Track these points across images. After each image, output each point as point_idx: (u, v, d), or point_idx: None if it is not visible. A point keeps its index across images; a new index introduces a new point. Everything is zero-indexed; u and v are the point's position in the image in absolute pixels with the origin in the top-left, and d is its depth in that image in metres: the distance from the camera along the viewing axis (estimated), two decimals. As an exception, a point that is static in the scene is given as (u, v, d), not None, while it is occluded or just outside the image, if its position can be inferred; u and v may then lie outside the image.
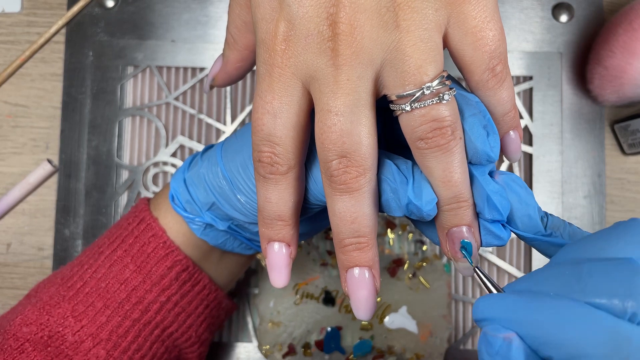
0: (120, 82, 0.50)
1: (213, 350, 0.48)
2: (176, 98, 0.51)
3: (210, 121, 0.50)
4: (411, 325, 0.47)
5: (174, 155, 0.50)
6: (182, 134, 0.50)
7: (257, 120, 0.26)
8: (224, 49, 0.34)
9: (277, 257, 0.29)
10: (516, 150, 0.29)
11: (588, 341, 0.20)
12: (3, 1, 0.51)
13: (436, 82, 0.24)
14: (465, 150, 0.26)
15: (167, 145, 0.50)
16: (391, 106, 0.25)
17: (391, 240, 0.48)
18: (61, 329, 0.34)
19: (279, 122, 0.26)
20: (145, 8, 0.51)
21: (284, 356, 0.47)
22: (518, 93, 0.50)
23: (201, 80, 0.51)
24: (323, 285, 0.48)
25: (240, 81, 0.50)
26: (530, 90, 0.50)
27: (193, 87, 0.51)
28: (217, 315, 0.40)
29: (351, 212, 0.26)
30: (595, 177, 0.49)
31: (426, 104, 0.24)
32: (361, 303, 0.28)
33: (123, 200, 0.50)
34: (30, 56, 0.51)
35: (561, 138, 0.49)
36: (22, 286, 0.50)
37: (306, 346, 0.47)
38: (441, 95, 0.24)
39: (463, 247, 0.27)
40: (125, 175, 0.50)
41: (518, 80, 0.50)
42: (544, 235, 0.27)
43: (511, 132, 0.29)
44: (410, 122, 0.25)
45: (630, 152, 0.49)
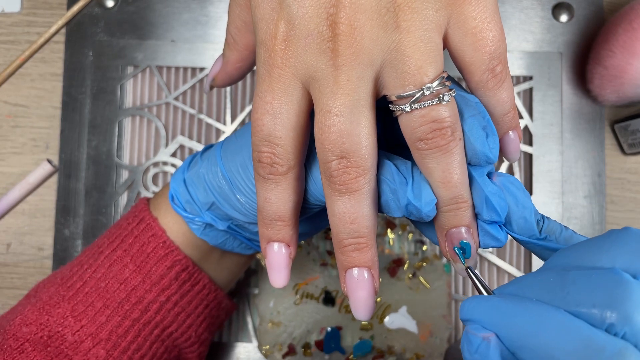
0: (120, 82, 0.50)
1: (213, 350, 0.48)
2: (176, 98, 0.51)
3: (210, 121, 0.50)
4: (411, 325, 0.47)
5: (174, 155, 0.50)
6: (182, 134, 0.50)
7: (257, 120, 0.26)
8: (224, 49, 0.34)
9: (277, 257, 0.29)
10: (515, 150, 0.29)
11: (560, 348, 0.21)
12: (3, 1, 0.51)
13: (436, 83, 0.24)
14: (464, 151, 0.26)
15: (167, 145, 0.50)
16: (391, 107, 0.25)
17: (391, 240, 0.48)
18: (61, 329, 0.34)
19: (279, 123, 0.26)
20: (145, 8, 0.51)
21: (284, 356, 0.47)
22: (518, 93, 0.50)
23: (201, 80, 0.51)
24: (323, 285, 0.48)
25: (240, 81, 0.50)
26: (530, 90, 0.50)
27: (193, 87, 0.51)
28: (217, 315, 0.40)
29: (350, 213, 0.26)
30: (595, 177, 0.49)
31: (426, 105, 0.24)
32: (360, 303, 0.28)
33: (123, 200, 0.50)
34: (30, 56, 0.51)
35: (561, 138, 0.49)
36: (22, 286, 0.50)
37: (306, 346, 0.47)
38: (441, 96, 0.24)
39: (460, 248, 0.27)
40: (125, 175, 0.50)
41: (518, 80, 0.50)
42: (538, 239, 0.27)
43: (510, 133, 0.29)
44: (410, 123, 0.25)
45: (630, 152, 0.49)
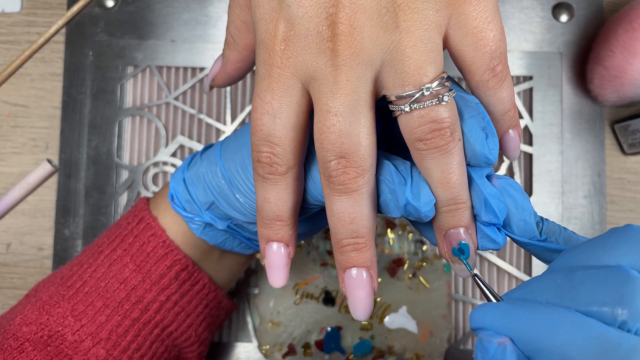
0: (120, 82, 0.50)
1: (213, 350, 0.48)
2: (176, 98, 0.51)
3: (210, 121, 0.50)
4: (411, 325, 0.47)
5: (174, 155, 0.50)
6: (182, 134, 0.50)
7: (257, 120, 0.26)
8: (224, 49, 0.34)
9: (276, 257, 0.29)
10: (515, 148, 0.29)
11: (577, 348, 0.21)
12: (3, 1, 0.51)
13: (436, 83, 0.24)
14: (464, 152, 0.26)
15: (167, 145, 0.50)
16: (390, 107, 0.25)
17: (391, 240, 0.48)
18: (61, 329, 0.34)
19: (278, 123, 0.26)
20: (145, 8, 0.51)
21: (284, 356, 0.47)
22: (518, 93, 0.50)
23: (201, 80, 0.51)
24: (323, 285, 0.48)
25: (240, 81, 0.50)
26: (530, 90, 0.50)
27: (193, 87, 0.51)
28: (217, 314, 0.40)
29: (349, 213, 0.26)
30: (595, 177, 0.49)
31: (425, 105, 0.24)
32: (358, 303, 0.28)
33: (123, 200, 0.50)
34: (30, 56, 0.51)
35: (561, 138, 0.49)
36: (22, 286, 0.50)
37: (306, 346, 0.47)
38: (441, 96, 0.24)
39: (460, 250, 0.27)
40: (125, 175, 0.50)
41: (518, 80, 0.50)
42: (539, 240, 0.27)
43: (510, 131, 0.29)
44: (409, 123, 0.25)
45: (630, 152, 0.49)
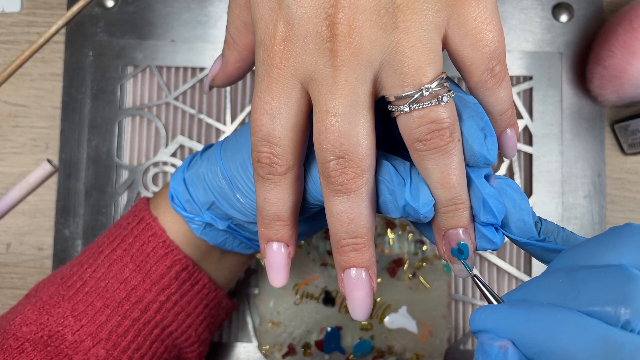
0: (120, 82, 0.50)
1: (213, 350, 0.48)
2: (176, 98, 0.51)
3: (210, 121, 0.50)
4: (411, 325, 0.47)
5: (174, 155, 0.50)
6: (182, 134, 0.50)
7: (256, 120, 0.26)
8: (224, 49, 0.34)
9: (276, 257, 0.29)
10: (512, 147, 0.29)
11: (580, 348, 0.20)
12: (3, 1, 0.51)
13: (435, 84, 0.24)
14: (463, 152, 0.26)
15: (167, 145, 0.50)
16: (389, 107, 0.25)
17: (391, 240, 0.48)
18: (61, 329, 0.34)
19: (278, 123, 0.26)
20: (145, 8, 0.51)
21: (284, 356, 0.47)
22: (518, 93, 0.50)
23: (201, 80, 0.51)
24: (323, 285, 0.48)
25: (240, 81, 0.50)
26: (530, 90, 0.50)
27: (193, 87, 0.51)
28: (217, 314, 0.40)
29: (348, 213, 0.26)
30: (595, 177, 0.49)
31: (425, 106, 0.24)
32: (357, 303, 0.28)
33: (123, 200, 0.50)
34: (30, 56, 0.51)
35: (561, 138, 0.49)
36: (22, 286, 0.50)
37: (306, 346, 0.47)
38: (440, 97, 0.24)
39: (459, 250, 0.27)
40: (125, 175, 0.50)
41: (518, 80, 0.50)
42: (538, 240, 0.27)
43: (508, 130, 0.29)
44: (408, 124, 0.25)
45: (630, 152, 0.49)
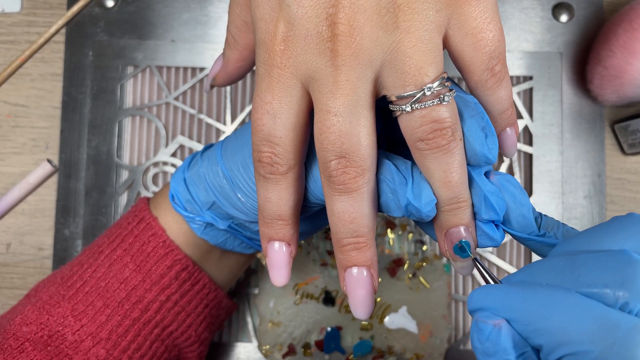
0: (120, 82, 0.50)
1: (213, 350, 0.48)
2: (176, 98, 0.51)
3: (210, 121, 0.50)
4: (411, 325, 0.47)
5: (174, 155, 0.50)
6: (182, 134, 0.50)
7: (257, 120, 0.26)
8: (224, 49, 0.34)
9: (278, 256, 0.29)
10: (512, 146, 0.29)
11: (576, 328, 0.21)
12: (3, 1, 0.51)
13: (437, 83, 0.24)
14: (464, 151, 0.26)
15: (167, 145, 0.50)
16: (391, 107, 0.25)
17: (391, 240, 0.48)
18: (61, 329, 0.34)
19: (279, 123, 0.26)
20: (145, 8, 0.51)
21: (284, 356, 0.47)
22: (518, 93, 0.50)
23: (201, 80, 0.51)
24: (323, 285, 0.48)
25: (240, 81, 0.50)
26: (530, 90, 0.50)
27: (193, 87, 0.51)
28: (217, 314, 0.40)
29: (350, 212, 0.26)
30: (595, 177, 0.49)
31: (426, 105, 0.24)
32: (359, 302, 0.28)
33: (123, 200, 0.50)
34: (30, 56, 0.51)
35: (561, 138, 0.49)
36: (22, 286, 0.50)
37: (306, 346, 0.47)
38: (442, 96, 0.24)
39: (460, 248, 0.27)
40: (125, 175, 0.50)
41: (518, 80, 0.50)
42: (538, 235, 0.27)
43: (508, 129, 0.29)
44: (410, 123, 0.25)
45: (630, 152, 0.49)
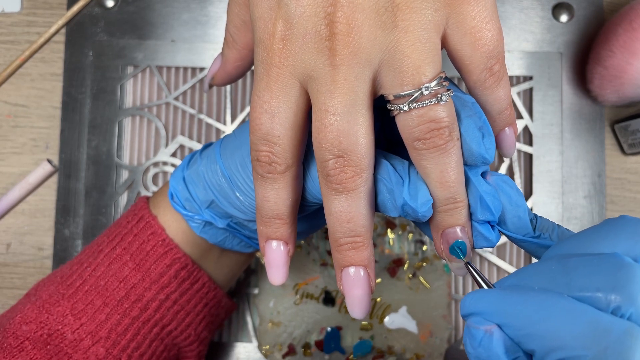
0: (120, 82, 0.50)
1: (213, 350, 0.48)
2: (176, 98, 0.51)
3: (210, 121, 0.50)
4: (411, 325, 0.47)
5: (174, 155, 0.50)
6: (182, 134, 0.51)
7: (255, 119, 0.26)
8: (223, 48, 0.34)
9: (275, 255, 0.29)
10: (511, 146, 0.29)
11: (568, 332, 0.21)
12: (3, 1, 0.51)
13: (434, 83, 0.24)
14: (461, 151, 0.26)
15: (167, 145, 0.50)
16: (388, 106, 0.25)
17: (391, 240, 0.48)
18: (60, 327, 0.34)
19: (277, 122, 0.26)
20: (145, 8, 0.51)
21: (284, 356, 0.47)
22: (518, 93, 0.50)
23: (201, 80, 0.51)
24: (323, 285, 0.48)
25: (239, 80, 0.50)
26: (530, 90, 0.50)
27: (193, 87, 0.51)
28: (217, 314, 0.40)
29: (347, 212, 0.26)
30: (595, 177, 0.49)
31: (424, 105, 0.24)
32: (356, 302, 0.28)
33: (123, 200, 0.50)
34: (30, 56, 0.51)
35: (561, 138, 0.49)
36: (22, 286, 0.50)
37: (306, 346, 0.47)
38: (439, 96, 0.24)
39: (457, 247, 0.27)
40: (125, 175, 0.50)
41: (518, 80, 0.50)
42: (533, 237, 0.27)
43: (506, 129, 0.29)
44: (407, 122, 0.25)
45: (630, 152, 0.49)
